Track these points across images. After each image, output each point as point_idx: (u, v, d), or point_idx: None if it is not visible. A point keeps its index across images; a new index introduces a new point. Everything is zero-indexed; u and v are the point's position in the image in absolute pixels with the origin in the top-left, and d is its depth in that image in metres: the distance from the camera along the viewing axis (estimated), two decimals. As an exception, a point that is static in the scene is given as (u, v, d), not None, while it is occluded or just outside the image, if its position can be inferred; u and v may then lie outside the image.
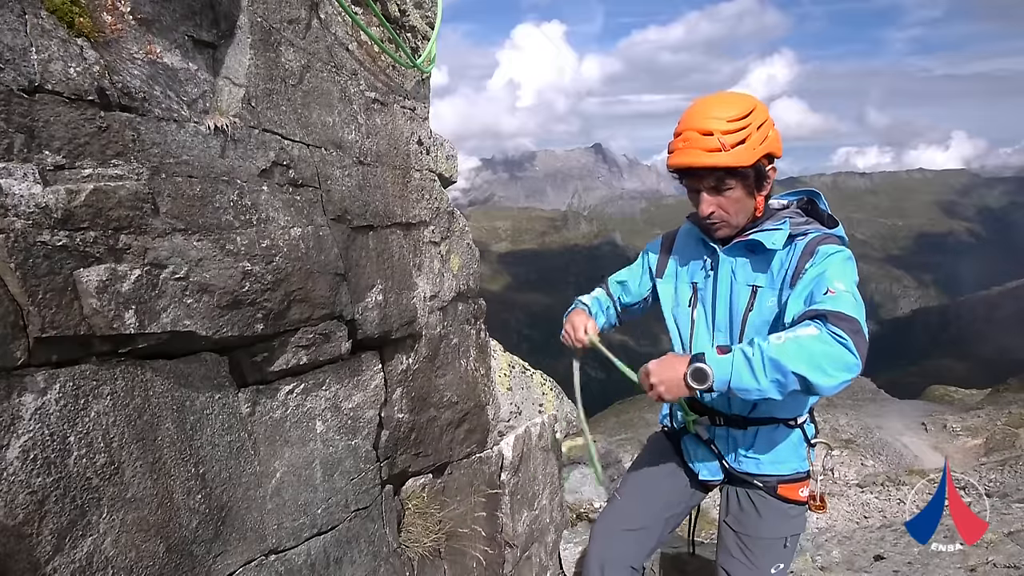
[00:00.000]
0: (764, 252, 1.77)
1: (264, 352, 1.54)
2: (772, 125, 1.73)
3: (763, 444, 1.90)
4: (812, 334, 1.47)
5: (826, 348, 1.45)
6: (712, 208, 1.75)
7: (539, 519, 3.09)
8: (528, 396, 3.71)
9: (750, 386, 1.50)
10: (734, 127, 1.65)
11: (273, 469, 1.59)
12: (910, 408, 17.78)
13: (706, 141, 1.65)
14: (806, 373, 1.44)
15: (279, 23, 1.59)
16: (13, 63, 1.00)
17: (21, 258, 1.01)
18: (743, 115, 1.67)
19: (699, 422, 1.98)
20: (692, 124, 1.69)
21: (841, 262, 1.66)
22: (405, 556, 2.12)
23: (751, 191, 1.74)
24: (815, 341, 1.46)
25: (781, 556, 1.93)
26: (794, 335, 1.48)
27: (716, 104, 1.71)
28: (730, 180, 1.70)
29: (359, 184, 1.85)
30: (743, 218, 1.78)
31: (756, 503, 1.93)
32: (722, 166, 1.66)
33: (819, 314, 1.51)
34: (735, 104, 1.69)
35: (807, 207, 1.89)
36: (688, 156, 1.69)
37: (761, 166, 1.72)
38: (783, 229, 1.75)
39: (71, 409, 1.11)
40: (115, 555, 1.17)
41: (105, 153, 1.14)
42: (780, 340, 1.48)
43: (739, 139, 1.65)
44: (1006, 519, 3.92)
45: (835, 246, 1.69)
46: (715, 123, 1.65)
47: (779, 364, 1.46)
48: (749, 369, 1.49)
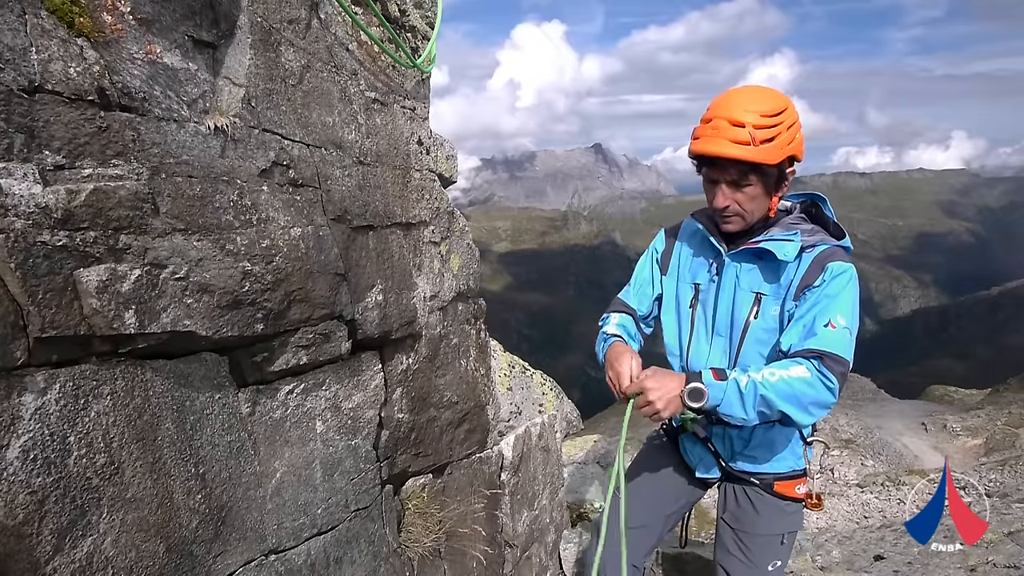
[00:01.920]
0: (773, 261, 1.74)
1: (264, 352, 1.54)
2: (800, 128, 1.69)
3: (759, 442, 1.90)
4: (804, 377, 1.56)
5: (813, 393, 1.55)
6: (728, 202, 1.71)
7: (539, 519, 3.09)
8: (528, 396, 3.71)
9: (736, 415, 1.60)
10: (767, 123, 1.61)
11: (273, 469, 1.59)
12: (910, 408, 17.79)
13: (736, 132, 1.61)
14: (790, 412, 1.57)
15: (279, 23, 1.59)
16: (13, 63, 1.00)
17: (21, 258, 1.01)
18: (777, 112, 1.63)
19: (696, 421, 1.98)
20: (724, 112, 1.64)
21: (846, 287, 1.66)
22: (405, 556, 2.12)
23: (769, 190, 1.72)
24: (805, 385, 1.55)
25: (778, 553, 1.94)
26: (787, 375, 1.57)
27: (751, 96, 1.66)
28: (752, 176, 1.66)
29: (359, 184, 1.85)
30: (756, 216, 1.75)
31: (753, 500, 1.94)
32: (748, 160, 1.62)
33: (815, 354, 1.58)
34: (770, 99, 1.65)
35: (811, 210, 1.87)
36: (715, 145, 1.63)
37: (784, 167, 1.69)
38: (795, 241, 1.73)
39: (71, 409, 1.11)
40: (115, 555, 1.17)
41: (105, 153, 1.14)
42: (773, 378, 1.56)
43: (769, 136, 1.61)
44: (1006, 519, 3.92)
45: (843, 264, 1.69)
46: (748, 115, 1.61)
47: (768, 401, 1.56)
48: (740, 401, 1.59)
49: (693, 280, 1.93)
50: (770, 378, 1.55)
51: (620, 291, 2.13)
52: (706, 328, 1.89)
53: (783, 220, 1.81)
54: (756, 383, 1.56)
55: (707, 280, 1.89)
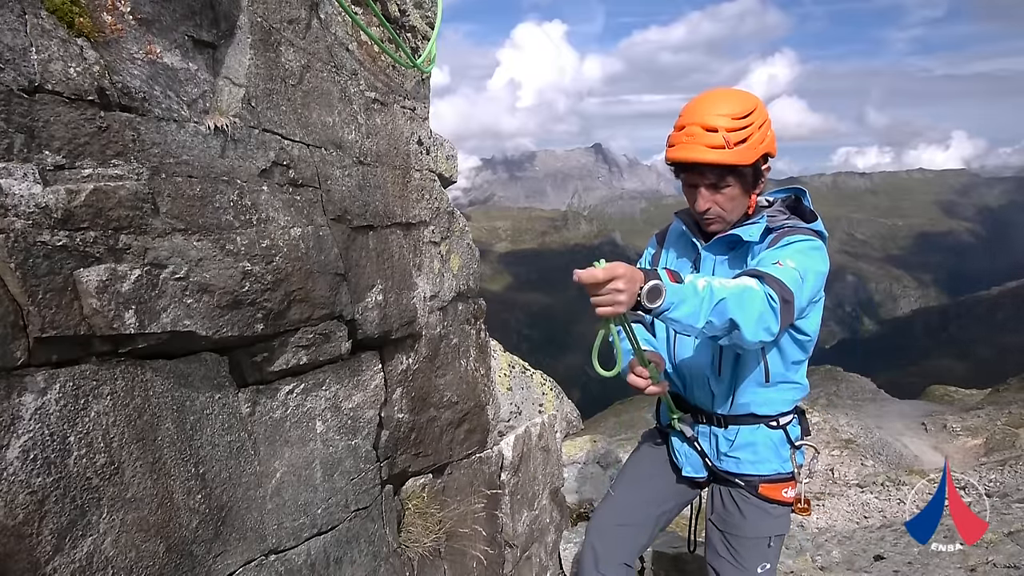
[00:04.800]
0: (743, 246, 1.80)
1: (264, 352, 1.54)
2: (770, 125, 1.73)
3: (744, 443, 1.90)
4: (752, 287, 1.47)
5: (760, 306, 1.46)
6: (708, 205, 1.76)
7: (539, 519, 3.09)
8: (528, 396, 3.71)
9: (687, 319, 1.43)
10: (738, 125, 1.65)
11: (273, 469, 1.58)
12: (910, 408, 17.78)
13: (710, 137, 1.64)
14: (740, 321, 1.44)
15: (279, 23, 1.59)
16: (13, 63, 1.00)
17: (21, 258, 1.01)
18: (747, 113, 1.66)
19: (683, 420, 1.99)
20: (696, 119, 1.67)
21: (802, 248, 1.67)
22: (405, 556, 2.12)
23: (747, 189, 1.76)
24: (754, 295, 1.46)
25: (766, 555, 1.94)
26: (741, 284, 1.47)
27: (720, 100, 1.69)
28: (729, 178, 1.70)
29: (359, 184, 1.85)
30: (737, 215, 1.80)
31: (739, 502, 1.94)
32: (724, 163, 1.66)
33: (758, 274, 1.52)
34: (739, 101, 1.68)
35: (794, 205, 1.89)
36: (691, 151, 1.67)
37: (759, 165, 1.73)
38: (760, 223, 1.78)
39: (71, 409, 1.11)
40: (115, 555, 1.17)
41: (105, 153, 1.14)
42: (728, 285, 1.46)
43: (742, 137, 1.65)
44: (1006, 519, 3.92)
45: (802, 236, 1.71)
46: (720, 120, 1.64)
47: (722, 307, 1.43)
48: (697, 302, 1.42)
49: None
50: (725, 285, 1.46)
51: None
52: None
53: (763, 213, 1.84)
54: (713, 287, 1.44)
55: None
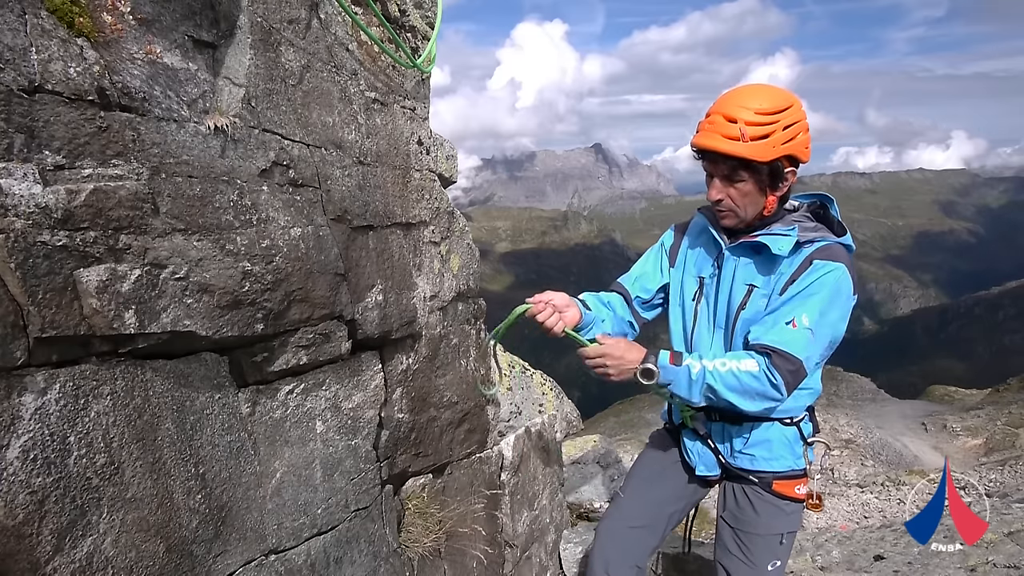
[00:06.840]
0: (769, 255, 1.77)
1: (264, 352, 1.54)
2: (805, 129, 1.70)
3: (757, 440, 1.91)
4: (752, 371, 1.65)
5: (759, 386, 1.66)
6: (720, 195, 1.75)
7: (539, 519, 3.09)
8: (528, 396, 3.71)
9: (684, 397, 1.74)
10: (759, 120, 1.63)
11: (273, 469, 1.58)
12: (910, 408, 17.78)
13: (729, 128, 1.64)
14: (734, 402, 1.68)
15: (279, 23, 1.59)
16: (13, 63, 1.00)
17: (21, 258, 1.01)
18: (774, 110, 1.65)
19: (696, 417, 1.99)
20: (721, 108, 1.69)
21: (826, 287, 1.68)
22: (405, 556, 2.12)
23: (763, 188, 1.73)
24: (751, 378, 1.65)
25: (778, 552, 1.94)
26: (737, 367, 1.66)
27: (750, 94, 1.69)
28: (743, 172, 1.69)
29: (359, 184, 1.85)
30: (751, 213, 1.77)
31: (752, 499, 1.94)
32: (736, 155, 1.65)
33: (767, 350, 1.66)
34: (769, 97, 1.67)
35: (819, 211, 1.88)
36: (708, 139, 1.68)
37: (779, 165, 1.69)
38: (791, 236, 1.74)
39: (71, 409, 1.11)
40: (115, 555, 1.17)
41: (105, 153, 1.14)
42: (723, 368, 1.67)
43: (761, 133, 1.63)
44: (1006, 519, 3.91)
45: (831, 263, 1.70)
46: (742, 112, 1.64)
47: (714, 390, 1.68)
48: (688, 385, 1.70)
49: (698, 273, 1.96)
50: (720, 368, 1.67)
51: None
52: (708, 320, 1.91)
53: (787, 217, 1.83)
54: (706, 372, 1.68)
55: (710, 274, 1.92)
